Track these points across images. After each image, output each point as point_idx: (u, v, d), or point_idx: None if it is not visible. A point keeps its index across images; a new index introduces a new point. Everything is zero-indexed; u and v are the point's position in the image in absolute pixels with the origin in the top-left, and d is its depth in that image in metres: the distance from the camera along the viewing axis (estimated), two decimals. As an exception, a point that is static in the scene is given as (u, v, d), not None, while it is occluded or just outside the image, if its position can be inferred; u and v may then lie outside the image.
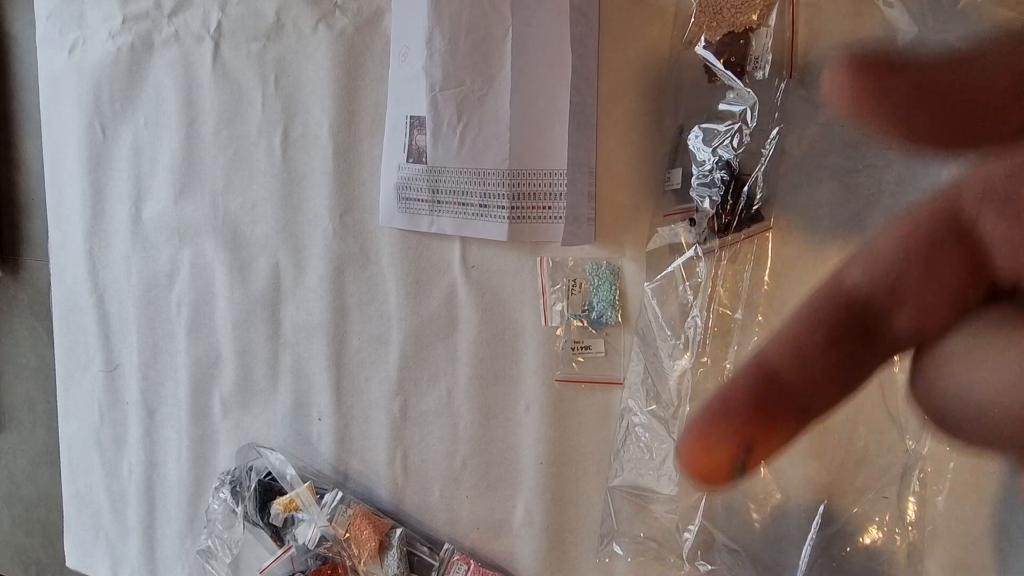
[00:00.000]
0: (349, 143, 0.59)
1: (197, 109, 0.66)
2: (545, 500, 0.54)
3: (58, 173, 0.76)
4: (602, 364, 0.52)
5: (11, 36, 0.80)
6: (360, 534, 0.56)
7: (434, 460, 0.58)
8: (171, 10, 0.66)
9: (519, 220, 0.49)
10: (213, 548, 0.63)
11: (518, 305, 0.54)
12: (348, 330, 0.61)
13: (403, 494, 0.60)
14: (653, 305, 0.47)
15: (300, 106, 0.61)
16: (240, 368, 0.66)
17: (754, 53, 0.43)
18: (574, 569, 0.54)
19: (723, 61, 0.44)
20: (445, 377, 0.57)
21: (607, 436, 0.52)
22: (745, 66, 0.43)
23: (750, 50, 0.43)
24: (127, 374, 0.74)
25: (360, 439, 0.62)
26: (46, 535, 0.88)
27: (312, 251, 0.62)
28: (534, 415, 0.54)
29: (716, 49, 0.44)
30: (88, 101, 0.72)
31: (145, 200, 0.70)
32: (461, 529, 0.58)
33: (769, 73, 0.42)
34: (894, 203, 0.41)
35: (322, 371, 0.62)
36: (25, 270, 0.83)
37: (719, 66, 0.44)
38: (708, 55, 0.44)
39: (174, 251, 0.69)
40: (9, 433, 0.89)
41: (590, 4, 0.49)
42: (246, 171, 0.64)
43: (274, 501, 0.60)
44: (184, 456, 0.70)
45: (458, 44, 0.48)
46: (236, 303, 0.66)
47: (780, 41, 0.43)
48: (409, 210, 0.55)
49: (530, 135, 0.48)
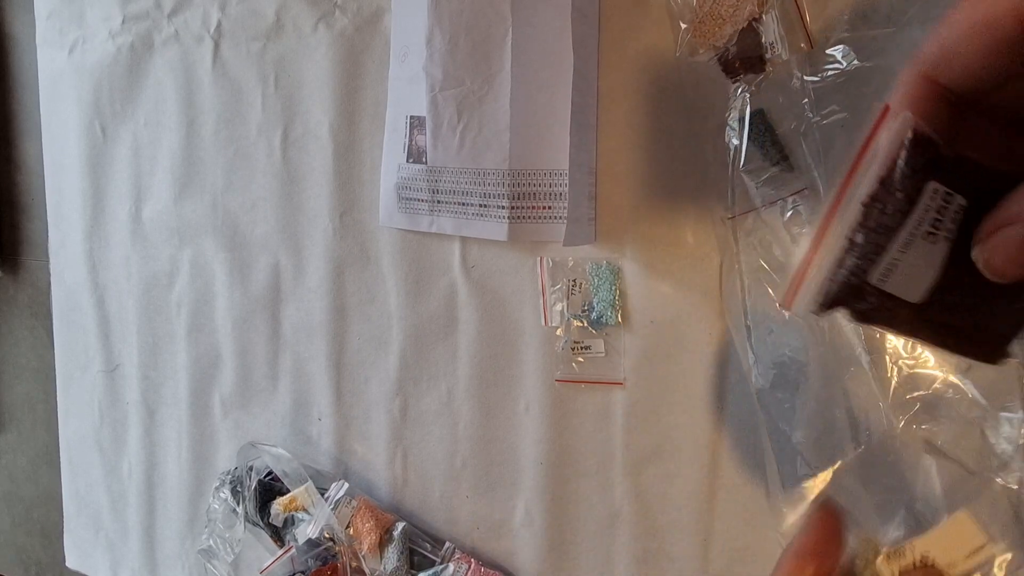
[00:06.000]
0: (349, 143, 0.59)
1: (197, 109, 0.66)
2: (545, 500, 0.54)
3: (58, 173, 0.76)
4: (602, 364, 0.52)
5: (11, 36, 0.80)
6: (362, 526, 0.56)
7: (434, 460, 0.58)
8: (171, 10, 0.66)
9: (519, 220, 0.49)
10: (215, 547, 0.63)
11: (518, 305, 0.54)
12: (348, 330, 0.61)
13: (403, 494, 0.60)
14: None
15: (300, 106, 0.61)
16: (240, 368, 0.67)
17: (767, 40, 0.43)
18: (574, 569, 0.54)
19: (739, 62, 0.44)
20: (445, 377, 0.57)
21: (607, 436, 0.52)
22: (763, 55, 0.43)
23: (763, 39, 0.43)
24: (127, 374, 0.74)
25: (360, 439, 0.62)
26: (46, 535, 0.88)
27: (312, 251, 0.62)
28: (534, 415, 0.54)
29: (727, 51, 0.44)
30: (88, 101, 0.72)
31: (145, 200, 0.70)
32: (461, 529, 0.58)
33: (789, 51, 0.42)
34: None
35: (322, 371, 0.62)
36: (25, 270, 0.83)
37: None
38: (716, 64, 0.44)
39: (174, 251, 0.69)
40: (9, 433, 0.89)
41: (590, 4, 0.49)
42: (246, 171, 0.64)
43: (274, 501, 0.60)
44: (184, 456, 0.71)
45: (458, 44, 0.48)
46: (236, 303, 0.66)
47: (787, 19, 0.43)
48: (409, 210, 0.55)
49: (530, 135, 0.48)
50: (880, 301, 0.22)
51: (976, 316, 0.23)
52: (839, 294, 0.22)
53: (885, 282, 0.22)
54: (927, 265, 0.22)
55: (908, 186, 0.21)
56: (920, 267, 0.22)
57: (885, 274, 0.22)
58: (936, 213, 0.21)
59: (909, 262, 0.21)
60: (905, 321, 0.23)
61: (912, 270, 0.22)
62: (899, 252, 0.21)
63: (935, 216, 0.21)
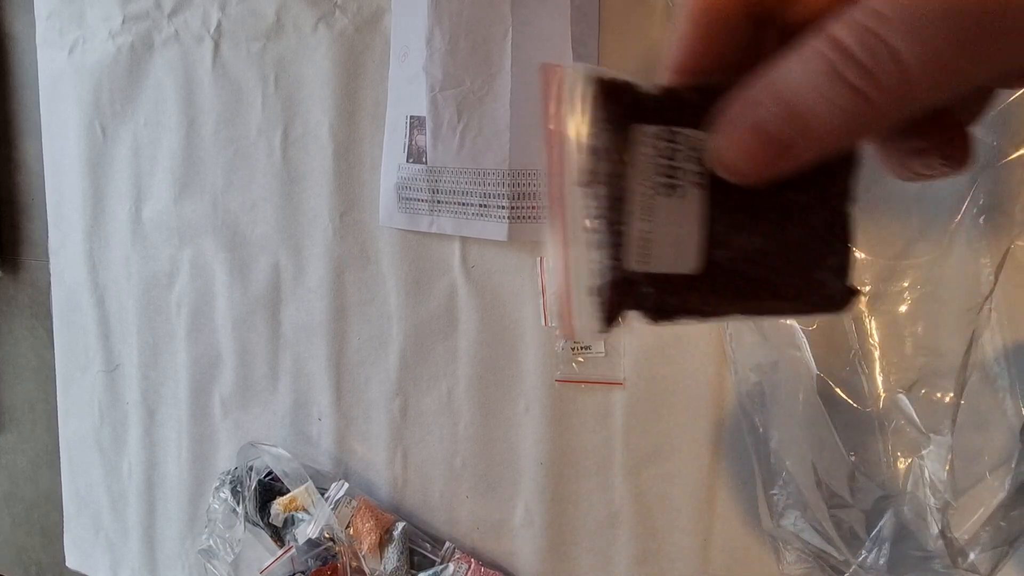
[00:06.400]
0: (349, 143, 0.59)
1: (197, 109, 0.66)
2: (545, 500, 0.54)
3: (58, 173, 0.76)
4: (602, 364, 0.52)
5: (11, 36, 0.80)
6: (362, 526, 0.56)
7: (434, 460, 0.58)
8: (171, 10, 0.66)
9: (519, 220, 0.49)
10: (215, 547, 0.63)
11: (518, 305, 0.54)
12: (348, 330, 0.61)
13: (403, 494, 0.60)
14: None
15: (300, 106, 0.61)
16: (240, 368, 0.67)
17: None
18: (574, 569, 0.54)
19: None
20: (445, 377, 0.57)
21: (607, 436, 0.52)
22: None
23: None
24: (127, 374, 0.74)
25: (360, 439, 0.62)
26: (46, 535, 0.88)
27: (312, 251, 0.62)
28: (534, 415, 0.54)
29: None
30: (88, 101, 0.72)
31: (145, 200, 0.70)
32: (461, 529, 0.58)
33: None
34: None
35: (322, 371, 0.62)
36: (25, 270, 0.83)
37: None
38: None
39: (174, 251, 0.69)
40: (9, 433, 0.89)
41: (590, 4, 0.49)
42: (246, 171, 0.64)
43: (274, 501, 0.60)
44: (184, 456, 0.71)
45: (458, 44, 0.48)
46: (236, 303, 0.66)
47: None
48: (409, 210, 0.55)
49: (530, 135, 0.48)
50: (657, 287, 0.18)
51: (785, 257, 0.19)
52: (612, 299, 0.18)
53: (648, 262, 0.18)
54: (683, 222, 0.18)
55: (612, 141, 0.17)
56: (677, 228, 0.18)
57: (643, 253, 0.18)
58: (665, 159, 0.18)
59: (662, 229, 0.18)
60: (705, 300, 0.19)
61: (670, 236, 0.18)
62: (643, 221, 0.18)
63: (666, 163, 0.18)
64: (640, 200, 0.18)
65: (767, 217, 0.19)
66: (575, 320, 0.19)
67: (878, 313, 0.41)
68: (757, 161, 0.17)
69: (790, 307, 0.20)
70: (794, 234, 0.19)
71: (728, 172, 0.18)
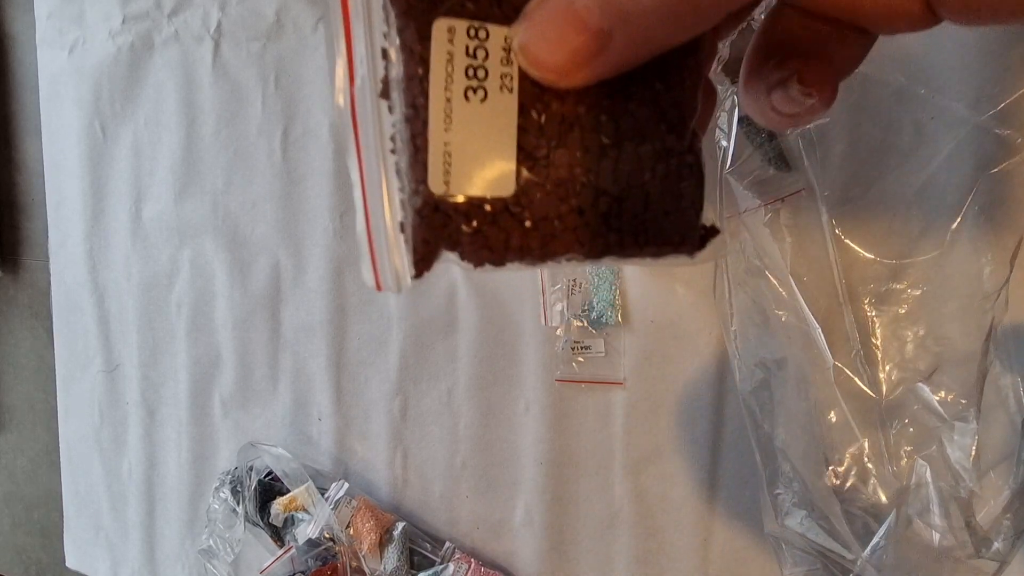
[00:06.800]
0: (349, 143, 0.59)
1: (197, 109, 0.66)
2: (545, 500, 0.54)
3: (58, 173, 0.76)
4: (602, 364, 0.52)
5: (11, 36, 0.80)
6: (362, 526, 0.56)
7: (434, 460, 0.58)
8: (171, 10, 0.66)
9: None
10: (215, 547, 0.63)
11: (518, 305, 0.54)
12: (348, 330, 0.61)
13: (403, 494, 0.60)
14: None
15: (300, 106, 0.61)
16: (240, 368, 0.66)
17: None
18: (574, 569, 0.54)
19: (738, 63, 0.43)
20: (445, 377, 0.57)
21: (607, 436, 0.52)
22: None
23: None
24: (127, 374, 0.74)
25: (360, 439, 0.62)
26: (46, 535, 0.88)
27: (312, 251, 0.62)
28: (534, 415, 0.54)
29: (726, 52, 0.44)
30: (88, 101, 0.72)
31: (145, 200, 0.70)
32: (461, 529, 0.58)
33: None
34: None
35: (322, 371, 0.62)
36: (25, 270, 0.83)
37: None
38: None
39: (174, 251, 0.69)
40: (9, 433, 0.89)
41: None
42: (246, 171, 0.64)
43: (274, 501, 0.60)
44: (184, 456, 0.70)
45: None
46: (236, 303, 0.66)
47: None
48: (409, 210, 0.55)
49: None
50: (473, 219, 0.15)
51: (622, 183, 0.16)
52: (420, 233, 0.15)
53: (456, 183, 0.15)
54: (490, 134, 0.15)
55: (411, 38, 0.15)
56: (483, 141, 0.15)
57: (446, 172, 0.15)
58: (472, 58, 0.15)
59: (466, 141, 0.15)
60: (535, 236, 0.16)
61: (475, 149, 0.15)
62: (445, 132, 0.15)
63: (474, 64, 0.15)
64: (442, 108, 0.15)
65: (598, 131, 0.15)
66: (381, 269, 0.16)
67: (883, 308, 0.42)
68: (569, 57, 0.14)
69: (633, 245, 0.17)
70: (630, 157, 0.16)
71: (537, 70, 0.15)
